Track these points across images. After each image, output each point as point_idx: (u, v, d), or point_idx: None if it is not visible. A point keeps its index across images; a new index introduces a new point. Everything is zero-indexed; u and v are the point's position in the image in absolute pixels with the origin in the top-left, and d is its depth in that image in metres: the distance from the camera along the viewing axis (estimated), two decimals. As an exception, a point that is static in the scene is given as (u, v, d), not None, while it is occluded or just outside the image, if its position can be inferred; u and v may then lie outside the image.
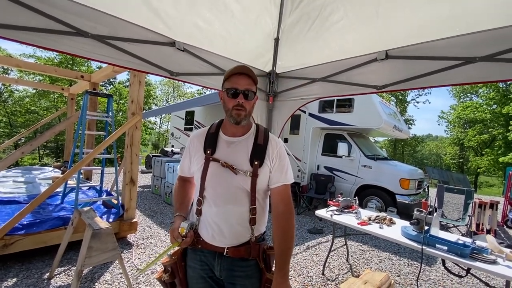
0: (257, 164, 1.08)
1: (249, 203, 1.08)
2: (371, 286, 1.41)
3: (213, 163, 1.10)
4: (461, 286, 2.97)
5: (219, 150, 1.12)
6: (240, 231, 1.10)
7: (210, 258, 1.12)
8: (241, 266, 1.11)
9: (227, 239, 1.09)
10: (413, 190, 5.40)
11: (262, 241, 1.16)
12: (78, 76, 5.27)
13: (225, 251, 1.09)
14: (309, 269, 3.14)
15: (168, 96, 33.86)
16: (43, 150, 21.08)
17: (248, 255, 1.10)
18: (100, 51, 1.49)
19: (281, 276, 1.03)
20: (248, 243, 1.10)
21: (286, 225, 1.10)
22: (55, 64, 18.29)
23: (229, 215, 1.08)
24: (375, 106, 5.75)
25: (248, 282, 1.10)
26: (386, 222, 2.74)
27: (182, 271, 1.16)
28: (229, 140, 1.13)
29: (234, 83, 1.06)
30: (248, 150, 1.11)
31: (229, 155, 1.10)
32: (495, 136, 20.98)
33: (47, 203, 3.55)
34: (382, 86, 1.76)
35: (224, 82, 1.12)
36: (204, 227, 1.12)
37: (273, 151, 1.13)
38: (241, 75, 1.07)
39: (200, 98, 7.71)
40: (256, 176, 1.07)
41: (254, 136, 1.14)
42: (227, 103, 1.08)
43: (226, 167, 1.07)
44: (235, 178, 1.07)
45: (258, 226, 1.12)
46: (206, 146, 1.13)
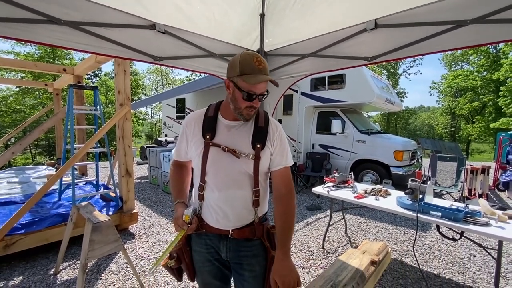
0: (259, 147, 1.07)
1: (252, 186, 1.09)
2: (369, 255, 1.46)
3: (213, 148, 1.07)
4: (455, 249, 3.11)
5: (219, 135, 1.09)
6: (244, 214, 1.11)
7: (215, 241, 1.14)
8: (246, 246, 1.13)
9: (232, 222, 1.10)
10: (407, 161, 5.50)
11: (265, 221, 1.18)
12: (60, 69, 5.06)
13: (230, 233, 1.10)
14: (309, 244, 3.23)
15: (157, 84, 33.10)
16: (35, 149, 20.72)
17: (253, 235, 1.11)
18: (77, 39, 1.41)
19: (283, 253, 1.05)
20: (252, 224, 1.12)
21: (288, 206, 1.11)
22: (35, 59, 17.54)
23: (232, 199, 1.08)
24: (366, 80, 5.70)
25: (254, 261, 1.13)
26: (381, 194, 2.80)
27: (188, 256, 1.18)
28: (230, 125, 1.11)
29: (252, 87, 0.98)
30: (249, 134, 1.09)
31: (230, 139, 1.08)
32: (486, 103, 21.23)
33: (44, 201, 3.52)
34: (373, 57, 1.72)
35: (238, 75, 0.98)
36: (208, 211, 1.12)
37: (274, 134, 1.12)
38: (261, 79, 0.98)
39: (189, 84, 7.53)
40: (259, 159, 1.07)
41: (255, 119, 1.13)
42: (238, 102, 1.02)
43: (227, 152, 1.06)
44: (238, 162, 1.06)
45: (261, 207, 1.14)
46: (205, 130, 1.09)
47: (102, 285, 2.38)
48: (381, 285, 2.38)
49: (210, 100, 6.38)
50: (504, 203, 5.20)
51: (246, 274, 1.12)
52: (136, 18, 1.54)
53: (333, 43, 1.85)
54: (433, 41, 1.49)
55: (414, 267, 2.69)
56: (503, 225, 1.98)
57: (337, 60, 1.90)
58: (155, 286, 2.37)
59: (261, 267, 1.13)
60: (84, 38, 1.43)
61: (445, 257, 2.91)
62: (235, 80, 1.00)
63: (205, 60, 1.98)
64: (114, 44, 1.52)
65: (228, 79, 1.03)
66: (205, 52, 1.91)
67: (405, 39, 1.58)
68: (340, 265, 1.36)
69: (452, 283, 2.43)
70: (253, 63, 0.97)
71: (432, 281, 2.46)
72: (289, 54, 2.12)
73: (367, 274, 1.31)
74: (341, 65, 1.92)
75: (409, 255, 2.93)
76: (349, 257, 1.45)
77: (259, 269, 1.13)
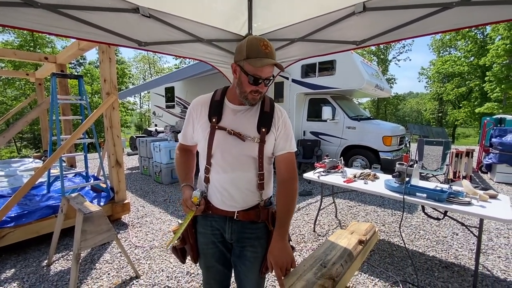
0: (265, 131, 1.09)
1: (257, 169, 1.11)
2: (357, 235, 1.51)
3: (219, 131, 1.09)
4: (439, 228, 3.26)
5: (225, 118, 1.10)
6: (249, 196, 1.14)
7: (221, 223, 1.16)
8: (251, 228, 1.16)
9: (237, 204, 1.13)
10: (395, 146, 5.63)
11: (270, 205, 1.20)
12: (42, 58, 4.84)
13: (235, 215, 1.13)
14: (301, 228, 3.32)
15: (145, 73, 32.23)
16: (20, 142, 20.10)
17: (258, 218, 1.15)
18: (56, 23, 1.35)
19: (279, 235, 1.08)
20: (257, 207, 1.15)
21: (290, 189, 1.13)
22: (14, 47, 16.70)
23: (238, 181, 1.11)
24: (356, 66, 5.71)
25: (257, 243, 1.16)
26: (370, 177, 2.87)
27: (192, 237, 1.20)
28: (236, 109, 1.12)
29: (258, 70, 0.99)
30: (255, 118, 1.11)
31: (235, 123, 1.10)
32: (472, 88, 21.72)
33: (33, 194, 3.46)
34: (361, 41, 1.72)
35: (244, 58, 0.99)
36: (214, 193, 1.14)
37: (279, 119, 1.14)
38: (267, 62, 0.98)
39: (177, 71, 7.34)
40: (264, 142, 1.09)
41: (260, 104, 1.14)
42: (244, 86, 1.03)
43: (233, 135, 1.08)
44: (243, 145, 1.09)
45: (265, 190, 1.16)
46: (211, 114, 1.11)
47: (96, 274, 2.40)
48: (370, 264, 2.48)
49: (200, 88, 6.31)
50: (486, 184, 5.43)
51: (248, 254, 1.16)
52: (117, 0, 1.47)
53: (322, 27, 1.83)
54: (420, 24, 1.49)
55: (400, 246, 2.81)
56: (484, 204, 2.08)
57: (326, 45, 1.89)
58: (150, 273, 2.40)
59: (262, 249, 1.17)
60: (63, 22, 1.36)
61: (430, 236, 3.04)
62: (241, 64, 1.01)
63: (192, 45, 1.93)
64: (96, 29, 1.46)
65: (235, 63, 1.05)
66: (192, 37, 1.86)
67: (392, 23, 1.58)
68: (329, 245, 1.41)
69: (436, 260, 2.56)
70: (260, 47, 0.98)
71: (417, 259, 2.58)
72: (278, 39, 2.09)
73: (355, 253, 1.37)
74: (330, 49, 1.91)
75: (396, 235, 3.06)
76: (338, 237, 1.50)
77: (261, 251, 1.16)
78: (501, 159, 5.44)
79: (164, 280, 2.29)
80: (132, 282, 2.28)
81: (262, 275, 1.19)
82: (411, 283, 2.21)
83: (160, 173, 5.66)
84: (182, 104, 8.60)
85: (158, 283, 2.25)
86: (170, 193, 4.90)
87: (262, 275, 1.19)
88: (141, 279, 2.32)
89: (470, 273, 2.32)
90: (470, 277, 2.27)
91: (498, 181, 5.50)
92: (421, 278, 2.28)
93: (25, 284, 2.27)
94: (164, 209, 4.09)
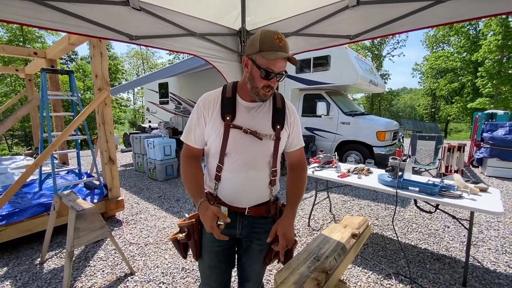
0: (279, 128, 1.10)
1: (271, 167, 1.13)
2: (350, 229, 1.53)
3: (234, 130, 1.05)
4: (431, 221, 3.31)
5: (239, 116, 1.07)
6: (261, 193, 1.16)
7: (231, 218, 1.12)
8: (260, 223, 1.18)
9: (249, 200, 1.14)
10: (389, 141, 5.69)
11: (277, 200, 1.23)
12: (31, 53, 4.72)
13: (246, 210, 1.14)
14: (296, 222, 3.34)
15: (138, 69, 31.78)
16: (11, 140, 19.72)
17: (268, 213, 1.17)
18: (43, 15, 1.31)
19: (292, 213, 1.14)
20: (267, 203, 1.17)
21: (302, 176, 1.22)
22: (3, 42, 16.27)
23: (251, 180, 1.11)
24: (351, 61, 5.72)
25: (264, 237, 1.16)
26: (364, 172, 2.90)
27: (197, 234, 1.18)
28: (249, 106, 1.10)
29: (271, 64, 0.95)
30: (269, 115, 1.11)
31: (250, 121, 1.07)
32: (464, 83, 21.98)
33: (24, 192, 3.41)
34: (355, 36, 1.72)
35: (257, 51, 0.96)
36: (225, 191, 1.14)
37: (291, 116, 1.16)
38: (281, 55, 0.95)
39: (171, 67, 7.23)
40: (279, 139, 1.11)
41: (272, 100, 1.13)
42: (256, 81, 1.00)
43: (249, 134, 1.05)
44: (260, 144, 1.08)
45: (276, 186, 1.19)
46: (224, 111, 1.06)
47: (90, 271, 2.38)
48: (363, 257, 2.52)
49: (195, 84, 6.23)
50: (477, 178, 5.53)
51: (254, 247, 1.18)
52: (107, -7, 1.44)
53: (316, 21, 1.82)
54: (413, 18, 1.49)
55: (393, 239, 2.85)
56: (475, 197, 2.12)
57: (320, 39, 1.88)
58: (145, 269, 2.40)
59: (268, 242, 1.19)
60: (50, 15, 1.32)
61: (422, 229, 3.09)
62: (253, 57, 0.98)
63: (184, 39, 1.90)
64: (85, 22, 1.42)
65: (247, 56, 1.01)
66: (184, 31, 1.83)
67: (386, 17, 1.58)
68: (322, 239, 1.42)
69: (428, 252, 2.61)
70: (274, 40, 0.95)
71: (410, 252, 2.62)
72: (272, 33, 2.07)
73: (348, 246, 1.38)
74: (324, 43, 1.90)
75: (389, 229, 3.10)
76: (331, 231, 1.52)
77: (267, 244, 1.17)
78: (492, 153, 5.55)
79: (159, 276, 2.29)
80: (127, 278, 2.27)
81: (264, 266, 1.22)
82: (403, 275, 2.25)
83: (154, 169, 5.62)
84: (176, 100, 8.52)
85: (153, 279, 2.25)
86: (165, 190, 4.88)
87: (265, 266, 1.22)
88: (136, 275, 2.31)
89: (460, 265, 2.37)
90: (460, 269, 2.31)
91: (488, 175, 5.61)
92: (413, 270, 2.32)
93: (18, 282, 2.24)
94: (158, 205, 4.07)
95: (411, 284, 2.13)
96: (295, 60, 0.97)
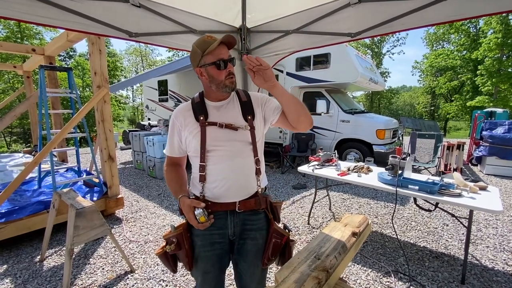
0: (251, 118, 1.14)
1: (253, 155, 1.15)
2: (351, 227, 1.53)
3: (210, 127, 1.11)
4: (430, 219, 3.32)
5: (211, 115, 1.13)
6: (249, 182, 1.15)
7: (221, 220, 1.15)
8: (252, 220, 1.18)
9: (238, 192, 1.14)
10: (389, 140, 5.69)
11: (266, 195, 1.22)
12: (29, 50, 4.68)
13: (236, 206, 1.13)
14: (295, 220, 3.35)
15: (137, 66, 31.65)
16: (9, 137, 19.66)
17: (258, 206, 1.16)
18: (40, 11, 1.29)
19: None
20: (256, 195, 1.17)
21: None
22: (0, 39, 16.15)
23: (237, 167, 1.12)
24: (351, 59, 5.70)
25: (258, 234, 1.17)
26: (363, 170, 2.90)
27: (188, 243, 1.15)
28: (217, 105, 1.16)
29: (218, 54, 1.05)
30: (238, 109, 1.16)
31: (222, 117, 1.13)
32: (464, 81, 21.96)
33: (24, 190, 3.40)
34: (357, 33, 1.70)
35: (201, 58, 1.06)
36: (212, 188, 1.13)
37: (257, 101, 1.20)
38: (221, 45, 1.06)
39: (170, 64, 7.19)
40: (254, 129, 1.14)
41: (237, 96, 1.19)
42: (217, 76, 1.07)
43: (224, 128, 1.11)
44: (237, 134, 1.12)
45: (262, 176, 1.20)
46: (197, 114, 1.13)
47: (90, 269, 2.39)
48: (362, 255, 2.53)
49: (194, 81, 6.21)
50: (476, 176, 5.55)
51: (248, 247, 1.17)
52: (106, -11, 1.42)
53: (317, 18, 1.81)
54: (416, 16, 1.48)
55: (392, 237, 2.86)
56: (474, 195, 2.13)
57: (321, 37, 1.87)
58: (145, 267, 2.40)
59: (263, 240, 1.19)
60: (48, 11, 1.30)
61: (421, 227, 3.11)
62: (202, 63, 1.07)
63: (184, 36, 1.88)
64: (83, 18, 1.41)
65: (197, 67, 1.09)
66: (184, 28, 1.82)
67: (388, 14, 1.56)
68: (323, 238, 1.42)
69: (427, 250, 2.62)
70: (205, 38, 1.06)
71: (409, 250, 2.63)
72: (273, 31, 2.06)
73: (348, 245, 1.38)
74: (325, 41, 1.89)
75: (388, 227, 3.11)
76: (331, 230, 1.52)
77: (262, 242, 1.19)
78: (491, 151, 5.55)
79: (159, 274, 2.29)
80: (127, 276, 2.28)
81: (264, 266, 1.20)
82: (402, 273, 2.26)
83: (154, 167, 5.61)
84: (175, 98, 8.48)
85: (153, 277, 2.25)
86: (164, 188, 4.87)
87: (264, 266, 1.20)
88: (136, 273, 2.32)
89: (459, 263, 2.38)
90: (459, 267, 2.33)
91: (487, 173, 5.62)
92: (412, 268, 2.33)
93: (18, 280, 2.25)
94: (158, 203, 4.07)
95: (410, 282, 2.14)
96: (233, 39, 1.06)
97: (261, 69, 1.00)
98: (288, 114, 1.13)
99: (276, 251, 1.18)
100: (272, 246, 1.17)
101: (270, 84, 1.04)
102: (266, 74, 1.01)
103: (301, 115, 1.11)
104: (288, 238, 1.21)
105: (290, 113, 1.12)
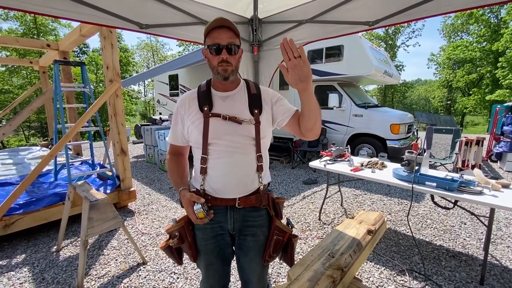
0: (257, 112, 1.09)
1: (256, 151, 1.10)
2: (366, 225, 1.48)
3: (213, 119, 1.07)
4: (447, 217, 3.21)
5: (216, 106, 1.09)
6: (250, 179, 1.11)
7: (221, 215, 1.13)
8: (253, 216, 1.14)
9: (238, 188, 1.10)
10: (403, 134, 5.52)
11: (269, 191, 1.18)
12: (44, 45, 4.78)
13: (236, 202, 1.10)
14: (306, 216, 3.31)
15: (148, 61, 31.97)
16: (28, 131, 20.39)
17: (259, 203, 1.12)
18: (53, 4, 1.29)
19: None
20: (257, 192, 1.13)
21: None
22: (18, 35, 16.63)
23: (238, 164, 1.08)
24: (365, 51, 5.53)
25: (259, 231, 1.14)
26: (378, 166, 2.81)
27: (190, 235, 1.15)
28: (223, 95, 1.11)
29: (215, 38, 1.00)
30: (245, 101, 1.11)
31: (227, 109, 1.09)
32: (483, 74, 21.01)
33: (40, 182, 3.51)
34: (375, 22, 1.62)
35: (205, 39, 1.05)
36: (213, 183, 1.11)
37: (268, 97, 1.15)
38: (221, 28, 1.00)
39: (181, 58, 7.20)
40: (259, 123, 1.09)
41: (246, 88, 1.14)
42: (211, 61, 1.04)
43: (228, 120, 1.06)
44: (240, 128, 1.07)
45: (264, 173, 1.15)
46: (201, 103, 1.09)
47: (104, 259, 2.44)
48: (376, 252, 2.47)
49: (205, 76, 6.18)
50: (496, 173, 5.32)
51: (249, 244, 1.14)
52: (117, -20, 1.40)
53: (332, 7, 1.73)
54: (439, 2, 1.39)
55: (407, 235, 2.78)
56: (496, 193, 2.02)
57: (336, 26, 1.79)
58: (157, 259, 2.43)
59: (264, 237, 1.16)
60: (61, 3, 1.29)
61: (437, 225, 3.00)
62: (205, 44, 1.05)
63: (195, 28, 1.85)
64: (95, 10, 1.39)
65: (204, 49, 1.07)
66: (195, 19, 1.78)
67: (409, 1, 1.47)
68: (337, 235, 1.38)
69: (443, 249, 2.53)
70: (215, 21, 1.00)
71: (424, 248, 2.55)
72: (285, 21, 1.99)
73: (363, 243, 1.34)
74: (340, 31, 1.80)
75: (402, 224, 3.03)
76: (346, 227, 1.47)
77: (263, 239, 1.15)
78: (512, 147, 5.30)
79: (170, 266, 2.32)
80: (139, 268, 2.31)
81: (265, 263, 1.17)
82: (417, 271, 2.19)
83: (165, 161, 5.68)
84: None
85: (165, 269, 2.28)
86: (176, 181, 4.92)
87: (265, 263, 1.17)
88: (148, 265, 2.35)
89: (478, 263, 2.29)
90: (478, 267, 2.23)
91: (508, 170, 5.38)
92: (428, 267, 2.26)
93: (35, 269, 2.32)
94: (169, 196, 4.12)
95: (425, 281, 2.08)
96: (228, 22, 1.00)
97: (299, 64, 0.84)
98: (306, 121, 1.04)
99: (277, 248, 1.16)
100: (274, 243, 1.14)
101: (304, 85, 0.89)
102: (303, 71, 0.85)
103: (316, 126, 1.05)
104: (290, 234, 1.17)
105: (308, 121, 1.03)
